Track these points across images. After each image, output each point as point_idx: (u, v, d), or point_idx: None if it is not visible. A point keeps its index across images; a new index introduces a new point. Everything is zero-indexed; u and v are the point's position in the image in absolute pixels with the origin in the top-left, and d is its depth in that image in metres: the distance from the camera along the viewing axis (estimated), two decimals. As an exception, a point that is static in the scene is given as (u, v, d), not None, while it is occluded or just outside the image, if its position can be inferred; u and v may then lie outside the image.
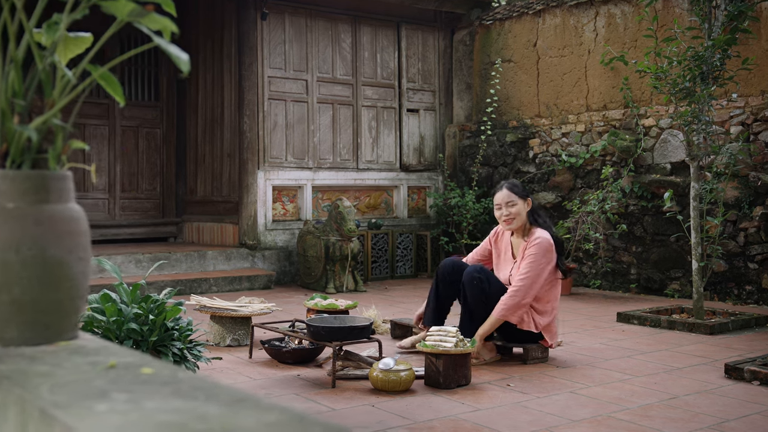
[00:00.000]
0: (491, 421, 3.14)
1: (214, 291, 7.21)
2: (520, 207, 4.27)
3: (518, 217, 4.27)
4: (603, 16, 7.88)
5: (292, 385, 3.73)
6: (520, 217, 4.28)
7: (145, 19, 1.41)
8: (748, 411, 3.31)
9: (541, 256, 4.15)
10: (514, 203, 4.27)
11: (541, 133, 8.40)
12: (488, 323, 4.16)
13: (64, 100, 1.42)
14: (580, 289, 7.62)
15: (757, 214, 6.46)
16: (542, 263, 4.15)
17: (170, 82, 9.34)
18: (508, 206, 4.26)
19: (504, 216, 4.28)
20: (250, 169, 8.04)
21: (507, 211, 4.26)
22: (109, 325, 2.99)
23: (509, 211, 4.26)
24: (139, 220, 9.14)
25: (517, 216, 4.26)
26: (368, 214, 8.83)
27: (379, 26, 8.94)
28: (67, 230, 1.41)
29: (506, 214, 4.27)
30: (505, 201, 4.28)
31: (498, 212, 4.32)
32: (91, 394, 1.02)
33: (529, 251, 4.17)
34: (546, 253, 4.16)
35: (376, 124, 8.95)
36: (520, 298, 4.12)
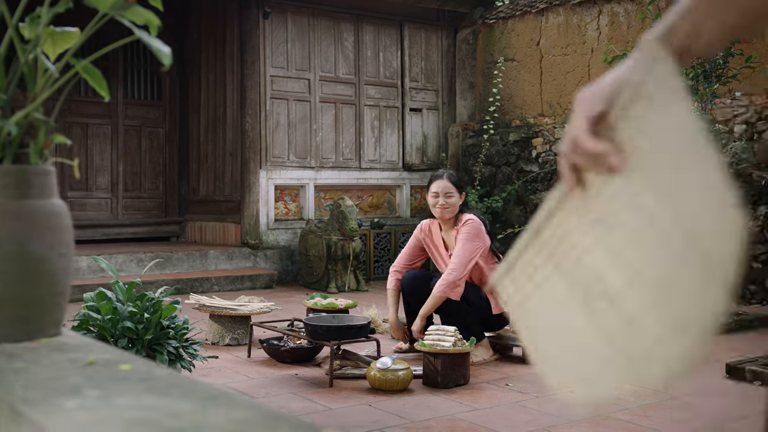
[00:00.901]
0: (489, 421, 3.12)
1: (215, 290, 7.20)
2: (456, 199, 4.37)
3: (453, 207, 4.36)
4: (606, 15, 7.85)
5: (289, 384, 3.72)
6: (454, 208, 4.37)
7: (127, 12, 1.40)
8: (750, 412, 3.28)
9: (473, 236, 4.29)
10: (452, 194, 4.36)
11: (544, 132, 8.37)
12: (429, 302, 4.25)
13: (45, 93, 1.40)
14: (583, 289, 7.59)
15: (761, 214, 6.42)
16: (476, 242, 4.29)
17: (173, 81, 9.33)
18: (446, 197, 4.35)
19: (440, 204, 4.34)
20: (253, 168, 8.03)
21: (444, 201, 4.34)
22: (104, 323, 2.98)
23: (446, 201, 4.34)
24: (142, 219, 9.14)
25: (452, 207, 4.36)
26: (371, 213, 8.81)
27: (381, 25, 8.92)
28: (48, 226, 1.39)
29: (442, 203, 4.34)
30: (444, 191, 4.35)
31: (434, 200, 4.38)
32: (63, 391, 1.00)
33: (462, 231, 4.29)
34: (478, 233, 4.31)
35: (379, 124, 8.93)
36: (456, 276, 4.21)
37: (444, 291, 4.24)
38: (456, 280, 4.24)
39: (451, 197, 4.35)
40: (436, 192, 4.37)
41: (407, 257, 4.63)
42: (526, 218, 8.41)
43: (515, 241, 1.02)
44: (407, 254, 4.62)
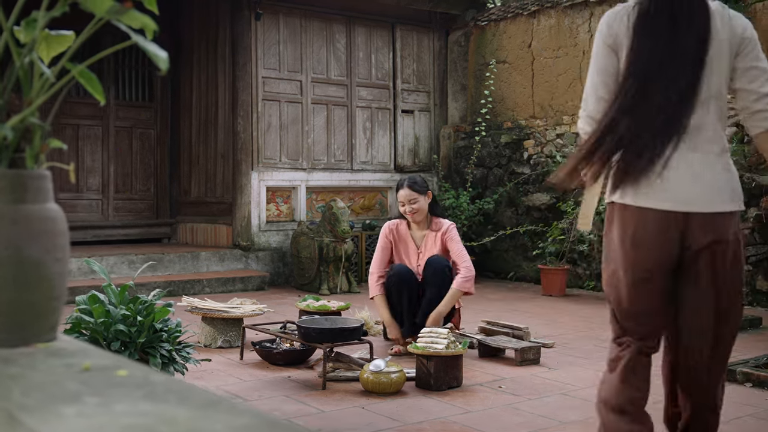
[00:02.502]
0: (481, 424, 3.12)
1: (207, 292, 7.19)
2: (422, 202, 4.70)
3: (421, 210, 4.70)
4: (597, 17, 7.88)
5: (282, 387, 3.71)
6: (423, 210, 4.72)
7: (124, 16, 1.39)
8: (742, 413, 3.30)
9: (459, 239, 4.74)
10: (416, 200, 4.69)
11: (535, 134, 8.39)
12: (450, 298, 4.48)
13: (41, 98, 1.40)
14: (574, 291, 7.61)
15: (751, 216, 6.46)
16: (461, 241, 4.75)
17: (164, 83, 9.31)
18: (411, 203, 4.69)
19: (408, 211, 4.70)
20: (244, 170, 8.02)
21: (410, 208, 4.69)
22: (97, 326, 2.97)
23: (412, 207, 4.68)
24: (133, 221, 9.11)
25: (420, 210, 4.70)
26: (362, 215, 8.81)
27: (373, 27, 8.92)
28: (44, 230, 1.39)
29: (410, 210, 4.69)
30: (408, 199, 4.69)
31: (402, 208, 4.73)
32: (61, 397, 1.00)
33: (450, 236, 4.67)
34: (457, 232, 4.78)
35: (371, 125, 8.93)
36: (473, 271, 4.60)
37: (467, 287, 4.54)
38: (473, 275, 4.59)
39: (416, 202, 4.68)
40: (402, 201, 4.73)
41: (382, 261, 4.77)
42: (517, 220, 8.44)
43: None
44: (381, 258, 4.76)
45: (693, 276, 2.23)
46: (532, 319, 5.80)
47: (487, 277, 8.66)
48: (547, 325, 5.60)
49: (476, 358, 4.41)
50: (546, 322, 5.74)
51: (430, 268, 4.52)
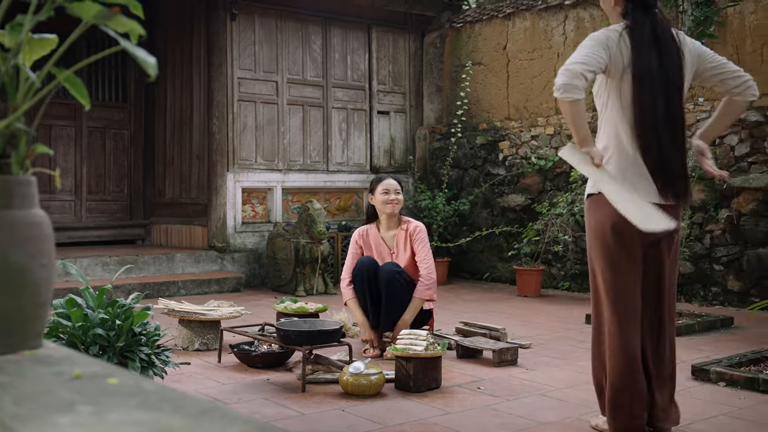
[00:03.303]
0: (461, 425, 3.14)
1: (182, 294, 7.14)
2: (402, 197, 4.80)
3: (401, 204, 4.77)
4: (572, 20, 7.95)
5: (261, 390, 3.70)
6: (402, 205, 4.79)
7: (111, 21, 1.39)
8: (716, 412, 3.35)
9: (427, 239, 4.75)
10: (400, 192, 4.78)
11: (510, 135, 8.45)
12: (414, 307, 4.53)
13: (27, 103, 1.39)
14: (549, 291, 7.68)
15: (722, 217, 6.56)
16: (429, 244, 4.76)
17: (138, 83, 9.23)
18: (397, 193, 4.74)
19: (391, 199, 4.71)
20: (220, 171, 7.98)
21: (395, 198, 4.72)
22: (75, 330, 2.94)
23: (397, 198, 4.73)
24: (106, 222, 9.02)
25: (401, 203, 4.77)
26: (338, 216, 8.81)
27: (349, 28, 8.92)
28: (30, 236, 1.38)
29: (393, 198, 4.71)
30: (394, 188, 4.75)
31: (386, 196, 4.72)
32: (54, 407, 0.99)
33: (418, 237, 4.69)
34: (427, 236, 4.77)
35: (347, 126, 8.93)
36: (435, 276, 4.63)
37: (428, 294, 4.57)
38: (435, 280, 4.63)
39: (400, 194, 4.76)
40: (386, 189, 4.73)
41: (352, 267, 4.75)
42: (493, 221, 8.49)
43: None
44: (352, 265, 4.74)
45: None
46: (508, 320, 5.84)
47: (462, 278, 8.71)
48: (523, 325, 5.64)
49: (454, 359, 4.43)
50: (522, 322, 5.79)
51: (383, 277, 4.52)
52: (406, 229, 4.72)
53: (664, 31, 2.77)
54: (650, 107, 2.73)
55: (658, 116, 2.73)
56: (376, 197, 4.75)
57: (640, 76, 2.72)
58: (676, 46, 2.79)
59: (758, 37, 6.50)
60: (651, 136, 2.75)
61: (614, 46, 2.72)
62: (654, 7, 2.79)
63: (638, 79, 2.72)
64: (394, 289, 4.50)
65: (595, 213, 2.87)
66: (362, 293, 4.59)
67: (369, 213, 4.88)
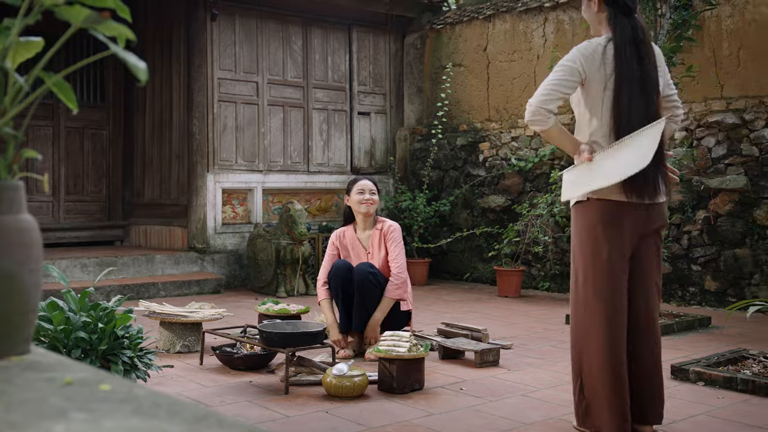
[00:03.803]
0: (445, 426, 3.15)
1: (162, 296, 7.10)
2: (377, 197, 4.81)
3: (376, 204, 4.78)
4: (552, 22, 8.00)
5: (244, 392, 3.70)
6: (377, 205, 4.80)
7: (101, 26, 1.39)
8: (695, 411, 3.39)
9: (400, 239, 4.75)
10: (375, 192, 4.79)
11: (491, 137, 8.49)
12: (384, 306, 4.56)
13: (16, 108, 1.38)
14: (530, 291, 7.72)
15: (700, 218, 6.63)
16: (403, 244, 4.76)
17: (116, 83, 9.16)
18: (372, 193, 4.76)
19: (365, 199, 4.73)
20: (200, 171, 7.95)
21: (370, 197, 4.73)
22: (57, 333, 2.92)
23: (372, 198, 4.74)
24: (85, 223, 8.94)
25: (376, 203, 4.78)
26: (319, 216, 8.80)
27: (330, 29, 8.92)
28: (18, 242, 1.37)
29: (368, 198, 4.73)
30: (369, 189, 4.76)
31: (361, 196, 4.73)
32: (47, 414, 0.99)
33: (392, 237, 4.71)
34: (401, 236, 4.78)
35: (327, 127, 8.93)
36: (405, 276, 4.64)
37: (397, 294, 4.58)
38: (406, 279, 4.62)
39: (375, 194, 4.77)
40: (362, 189, 4.74)
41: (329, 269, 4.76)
42: (473, 221, 8.52)
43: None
44: (328, 266, 4.75)
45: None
46: (489, 321, 5.87)
47: (443, 278, 8.73)
48: (504, 326, 5.67)
49: (436, 360, 4.44)
50: (503, 323, 5.82)
51: (356, 277, 4.54)
52: (380, 229, 4.75)
53: (644, 35, 2.93)
54: (630, 108, 2.85)
55: (638, 117, 2.85)
56: (351, 198, 4.77)
57: (622, 79, 2.86)
58: (653, 52, 2.96)
59: (734, 41, 6.58)
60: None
61: (597, 59, 2.88)
62: (634, 12, 2.95)
63: (620, 82, 2.86)
64: (367, 289, 4.52)
65: (584, 217, 2.95)
66: (336, 295, 4.62)
67: (346, 215, 4.90)
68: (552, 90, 2.86)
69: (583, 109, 2.99)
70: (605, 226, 2.87)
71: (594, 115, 2.94)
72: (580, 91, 2.96)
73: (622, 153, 2.80)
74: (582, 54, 2.89)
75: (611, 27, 2.92)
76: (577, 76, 2.88)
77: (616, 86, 2.86)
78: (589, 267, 2.92)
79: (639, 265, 2.98)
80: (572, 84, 2.89)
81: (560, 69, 2.90)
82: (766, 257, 6.23)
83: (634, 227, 2.89)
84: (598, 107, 2.92)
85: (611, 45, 2.89)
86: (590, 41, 2.95)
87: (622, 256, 2.90)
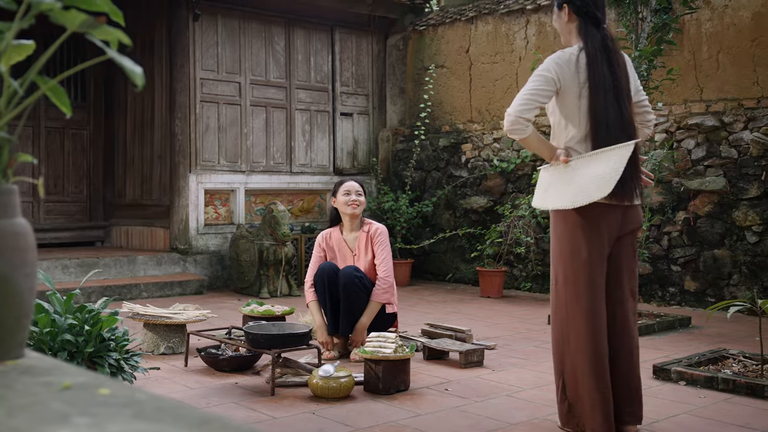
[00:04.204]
0: (431, 427, 3.17)
1: (144, 297, 7.06)
2: (364, 199, 4.80)
3: (363, 205, 4.78)
4: (534, 24, 8.06)
5: (230, 394, 3.69)
6: (364, 206, 4.79)
7: (96, 31, 1.39)
8: (677, 411, 3.43)
9: (388, 241, 4.76)
10: (362, 194, 4.79)
11: (473, 138, 8.53)
12: (371, 311, 4.57)
13: (11, 113, 1.38)
14: (512, 292, 7.77)
15: (680, 219, 6.71)
16: (389, 246, 4.77)
17: (97, 83, 9.09)
18: (358, 194, 4.76)
19: (352, 200, 4.72)
20: (182, 172, 7.91)
21: (356, 198, 4.73)
22: (42, 336, 2.91)
23: (358, 199, 4.74)
24: (65, 224, 8.87)
25: (363, 204, 4.77)
26: (302, 217, 8.80)
27: (312, 29, 8.92)
28: (13, 246, 1.38)
29: (354, 199, 4.73)
30: (356, 190, 4.76)
31: (347, 197, 4.74)
32: (49, 419, 0.99)
33: (378, 240, 4.71)
34: (388, 239, 4.79)
35: (310, 128, 8.92)
36: (392, 280, 4.64)
37: (384, 298, 4.59)
38: (393, 283, 4.63)
39: (361, 196, 4.77)
40: (348, 190, 4.75)
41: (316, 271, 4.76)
42: (455, 222, 8.56)
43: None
44: (316, 268, 4.75)
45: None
46: (472, 321, 5.90)
47: (425, 279, 8.76)
48: (487, 327, 5.70)
49: (421, 361, 4.47)
50: (486, 324, 5.85)
51: (342, 280, 4.54)
52: (367, 231, 4.75)
53: (613, 44, 3.06)
54: (604, 114, 2.96)
55: (614, 122, 2.96)
56: (338, 199, 4.77)
57: (595, 86, 2.97)
58: (623, 59, 3.10)
59: (714, 44, 6.66)
60: (605, 142, 2.94)
61: (572, 68, 2.99)
62: (603, 23, 3.07)
63: (594, 89, 2.97)
64: (353, 292, 4.52)
65: (564, 219, 3.02)
66: (323, 298, 4.62)
67: (332, 216, 4.90)
68: (529, 99, 2.96)
69: (558, 117, 3.08)
70: (584, 227, 2.95)
71: (570, 122, 3.03)
72: (555, 100, 3.06)
73: (592, 167, 2.92)
74: (556, 63, 3.00)
75: (582, 37, 3.04)
76: (552, 85, 2.98)
77: (590, 93, 2.96)
78: (569, 268, 3.00)
79: (615, 266, 3.05)
80: (548, 93, 2.99)
81: (536, 79, 3.00)
82: (745, 258, 6.31)
83: (611, 228, 2.98)
84: (574, 114, 3.01)
85: (583, 54, 2.99)
86: (563, 51, 3.06)
87: (601, 256, 2.98)
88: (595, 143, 2.96)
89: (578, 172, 2.95)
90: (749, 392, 3.69)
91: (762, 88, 6.38)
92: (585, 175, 2.92)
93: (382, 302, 4.59)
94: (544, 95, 2.99)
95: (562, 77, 2.98)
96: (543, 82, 2.99)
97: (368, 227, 4.77)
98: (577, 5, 3.05)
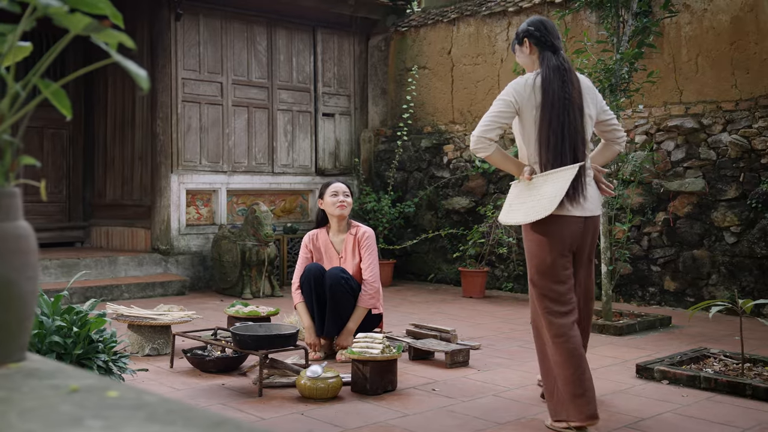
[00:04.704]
0: (420, 427, 3.19)
1: (126, 298, 7.02)
2: (351, 200, 4.84)
3: (350, 206, 4.81)
4: (515, 26, 8.10)
5: (217, 395, 3.69)
6: (350, 207, 4.82)
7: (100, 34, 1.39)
8: (661, 410, 3.48)
9: (375, 245, 4.78)
10: (349, 195, 4.83)
11: (455, 139, 8.56)
12: (358, 315, 4.60)
13: (13, 116, 1.38)
14: (494, 292, 7.81)
15: (659, 220, 6.79)
16: (376, 250, 4.80)
17: (76, 83, 9.02)
18: (345, 195, 4.79)
19: (339, 202, 4.75)
20: (163, 172, 7.87)
21: (344, 200, 4.76)
22: (30, 338, 2.88)
23: (346, 200, 4.77)
24: (44, 224, 8.78)
25: (350, 206, 4.81)
26: (284, 218, 8.79)
27: (294, 30, 8.91)
28: (15, 249, 1.37)
29: (342, 200, 4.75)
30: (343, 191, 4.80)
31: (335, 198, 4.76)
32: (62, 422, 0.99)
33: (365, 243, 4.73)
34: (375, 242, 4.81)
35: (292, 128, 8.91)
36: (378, 285, 4.67)
37: (371, 303, 4.63)
38: (379, 288, 4.65)
39: (349, 197, 4.80)
40: (336, 191, 4.77)
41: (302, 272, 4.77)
42: (437, 223, 8.59)
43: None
44: (302, 269, 4.75)
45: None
46: (456, 321, 5.93)
47: (408, 279, 8.79)
48: (471, 327, 5.73)
49: (407, 361, 4.48)
50: (470, 324, 5.88)
51: (328, 282, 4.55)
52: (354, 234, 4.76)
53: (568, 65, 3.36)
54: (561, 127, 3.22)
55: (570, 135, 3.23)
56: (325, 200, 4.78)
57: (550, 102, 3.25)
58: (576, 78, 3.37)
59: (693, 47, 6.75)
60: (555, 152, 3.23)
61: (528, 90, 3.30)
62: (560, 50, 3.41)
63: (548, 105, 3.25)
64: (339, 295, 4.53)
65: (532, 232, 3.31)
66: (309, 299, 4.62)
67: (319, 218, 4.90)
68: (491, 121, 3.28)
69: (521, 138, 3.40)
70: (549, 236, 3.26)
71: (531, 141, 3.33)
72: (518, 122, 3.37)
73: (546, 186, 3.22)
74: (514, 88, 3.32)
75: (540, 62, 3.37)
76: (511, 107, 3.30)
77: (541, 106, 3.26)
78: (540, 270, 3.29)
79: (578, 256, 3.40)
80: (508, 115, 3.30)
81: (497, 103, 3.32)
82: (723, 258, 6.40)
83: (573, 236, 3.29)
84: (533, 132, 3.31)
85: (539, 77, 3.30)
86: (522, 77, 3.38)
87: (565, 257, 3.29)
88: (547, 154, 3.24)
89: (536, 190, 3.26)
90: (731, 391, 3.75)
91: (740, 91, 6.48)
92: (539, 193, 3.24)
93: (368, 307, 4.61)
94: (504, 117, 3.29)
95: (519, 100, 3.29)
96: (503, 106, 3.30)
97: (356, 230, 4.77)
98: (537, 37, 3.39)
